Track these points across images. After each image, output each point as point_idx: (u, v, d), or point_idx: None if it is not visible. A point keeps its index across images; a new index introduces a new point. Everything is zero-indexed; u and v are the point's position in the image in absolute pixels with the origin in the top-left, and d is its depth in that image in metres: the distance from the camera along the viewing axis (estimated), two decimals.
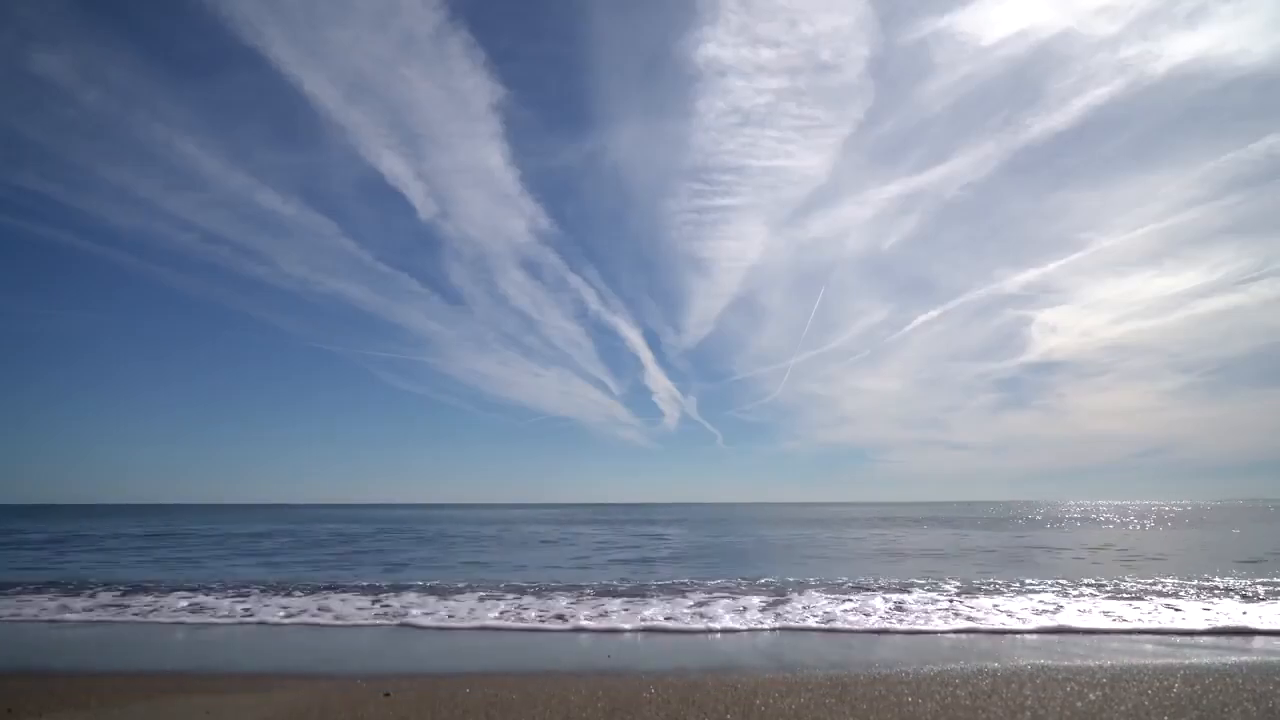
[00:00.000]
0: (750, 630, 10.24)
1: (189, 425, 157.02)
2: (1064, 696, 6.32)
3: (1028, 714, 5.70)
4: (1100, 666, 7.57)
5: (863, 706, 6.08)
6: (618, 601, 12.65)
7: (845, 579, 15.93)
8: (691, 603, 12.44)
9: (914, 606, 11.81)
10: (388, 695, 6.61)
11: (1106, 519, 57.55)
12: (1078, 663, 7.79)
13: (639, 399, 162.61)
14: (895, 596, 12.98)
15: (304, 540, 33.46)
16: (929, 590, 13.92)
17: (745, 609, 11.66)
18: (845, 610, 11.47)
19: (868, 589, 14.17)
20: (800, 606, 11.83)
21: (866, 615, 11.06)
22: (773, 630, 10.23)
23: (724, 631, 10.20)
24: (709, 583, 15.43)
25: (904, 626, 10.23)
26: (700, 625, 10.52)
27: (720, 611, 11.43)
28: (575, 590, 14.34)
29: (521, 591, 14.20)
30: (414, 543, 31.30)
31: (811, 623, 10.59)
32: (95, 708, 6.30)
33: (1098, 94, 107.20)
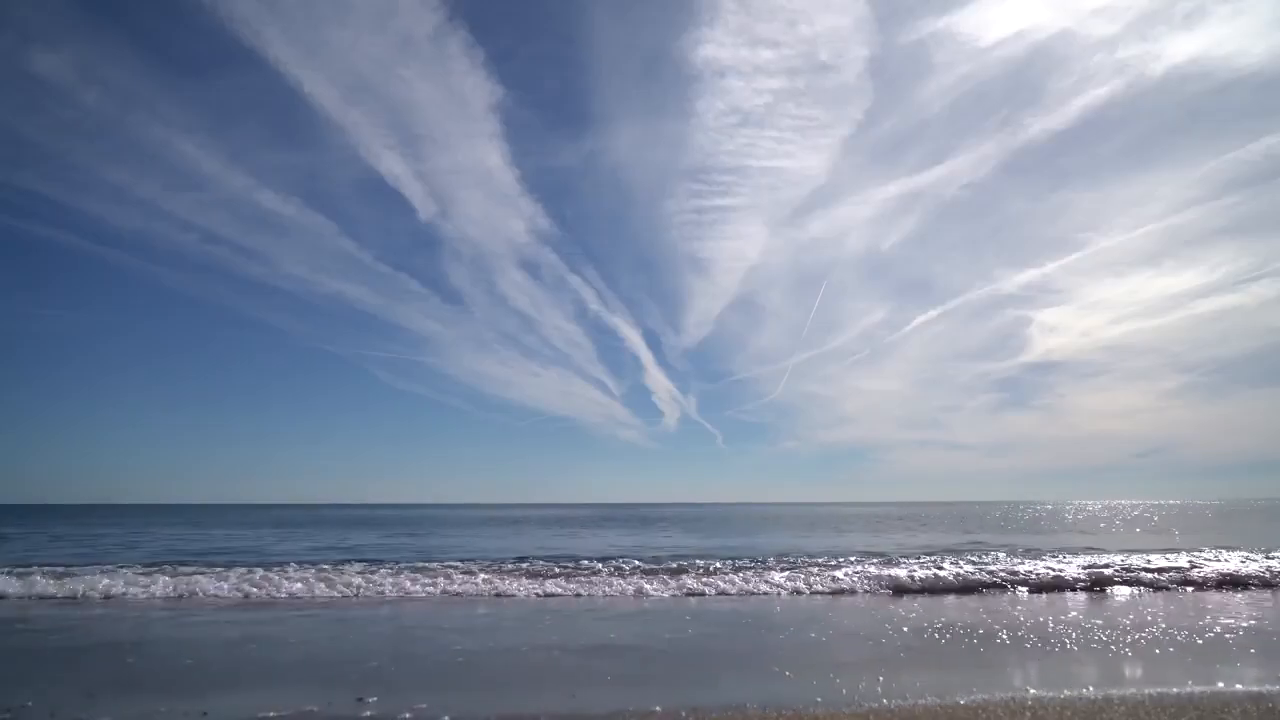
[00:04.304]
0: None
1: (188, 425, 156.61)
2: (1064, 696, 6.31)
3: (1028, 714, 5.70)
4: None
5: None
6: None
7: None
8: None
9: None
10: None
11: (1093, 518, 57.40)
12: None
13: (639, 399, 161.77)
14: None
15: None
16: None
17: None
18: None
19: None
20: None
21: None
22: None
23: None
24: None
25: None
26: None
27: None
28: None
29: None
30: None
31: None
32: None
33: (1096, 94, 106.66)
